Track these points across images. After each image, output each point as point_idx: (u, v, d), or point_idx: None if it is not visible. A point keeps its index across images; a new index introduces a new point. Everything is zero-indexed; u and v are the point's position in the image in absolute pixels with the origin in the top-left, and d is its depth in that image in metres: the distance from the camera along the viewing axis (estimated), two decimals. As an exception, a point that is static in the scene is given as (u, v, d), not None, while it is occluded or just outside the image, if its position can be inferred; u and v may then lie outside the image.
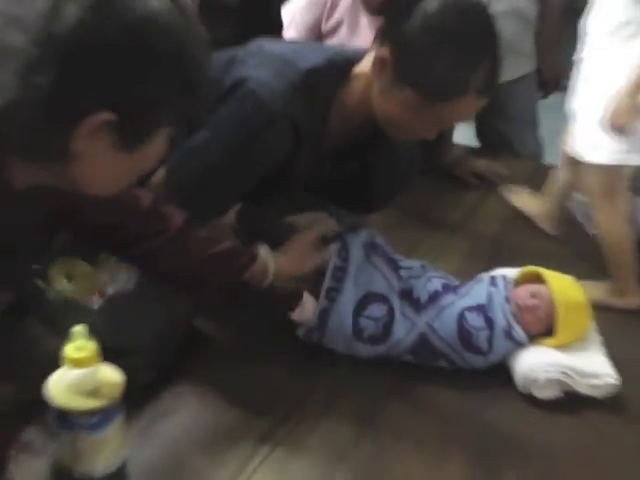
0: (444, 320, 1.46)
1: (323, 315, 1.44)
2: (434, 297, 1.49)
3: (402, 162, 1.65)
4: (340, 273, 1.48)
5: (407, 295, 1.49)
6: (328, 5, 2.04)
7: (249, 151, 1.39)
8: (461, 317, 1.46)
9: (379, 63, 1.37)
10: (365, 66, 1.44)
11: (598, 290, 1.71)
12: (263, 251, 1.42)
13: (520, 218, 2.07)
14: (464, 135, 2.60)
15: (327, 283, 1.47)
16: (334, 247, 1.52)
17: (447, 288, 1.52)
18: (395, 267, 1.53)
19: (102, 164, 0.92)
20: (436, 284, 1.52)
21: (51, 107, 0.83)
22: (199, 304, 1.48)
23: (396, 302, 1.47)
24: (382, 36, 1.40)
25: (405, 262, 1.57)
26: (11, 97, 0.82)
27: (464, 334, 1.45)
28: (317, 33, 2.06)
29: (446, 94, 1.35)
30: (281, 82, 1.38)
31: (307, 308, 1.44)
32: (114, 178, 0.98)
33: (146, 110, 0.89)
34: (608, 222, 1.71)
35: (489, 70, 1.36)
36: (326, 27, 2.05)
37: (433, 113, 1.38)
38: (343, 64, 1.46)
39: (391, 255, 1.57)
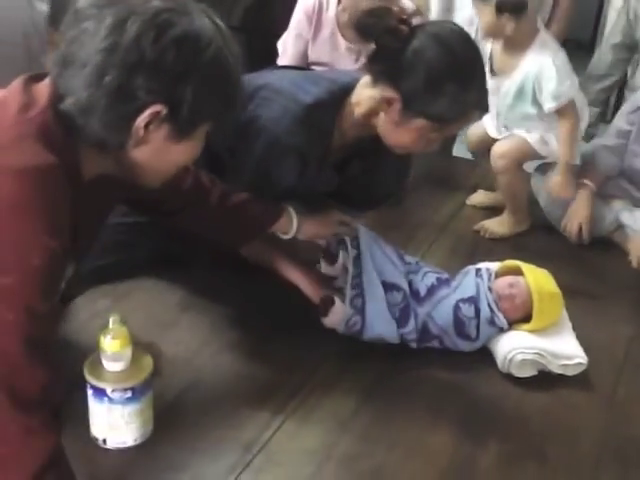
0: (441, 311, 1.62)
1: (360, 309, 1.58)
2: (431, 290, 1.65)
3: (397, 167, 1.83)
4: (358, 262, 1.62)
5: (409, 288, 1.65)
6: (310, 38, 2.29)
7: (268, 181, 1.61)
8: (456, 308, 1.62)
9: (386, 102, 1.55)
10: (359, 94, 1.61)
11: (502, 224, 2.18)
12: (290, 208, 1.61)
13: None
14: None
15: (350, 277, 1.61)
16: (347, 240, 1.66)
17: (441, 282, 1.68)
18: (400, 256, 1.69)
19: (155, 153, 1.10)
20: (431, 278, 1.68)
21: (116, 103, 1.02)
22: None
23: (407, 289, 1.63)
24: (378, 77, 1.56)
25: (406, 256, 1.73)
26: (84, 96, 1.01)
27: (458, 322, 1.61)
28: (305, 60, 2.31)
29: (453, 118, 1.56)
30: (287, 118, 1.56)
31: (337, 313, 1.57)
32: (163, 167, 1.16)
33: (191, 107, 1.06)
34: (512, 180, 2.17)
35: (482, 87, 1.57)
36: (311, 57, 2.32)
37: (441, 132, 1.59)
38: (340, 93, 1.64)
39: (394, 247, 1.73)
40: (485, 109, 1.62)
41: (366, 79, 1.60)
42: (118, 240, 1.65)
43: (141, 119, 1.04)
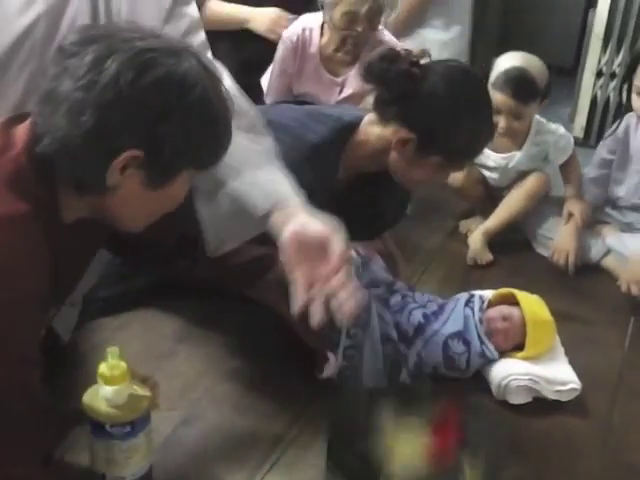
0: (430, 349, 1.62)
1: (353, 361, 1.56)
2: (419, 329, 1.64)
3: (398, 198, 1.86)
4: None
5: (397, 329, 1.63)
6: (295, 72, 2.31)
7: None
8: (445, 345, 1.62)
9: (401, 142, 1.59)
10: (366, 133, 1.65)
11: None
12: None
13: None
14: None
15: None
16: None
17: (427, 317, 1.66)
18: (386, 304, 1.67)
19: (132, 199, 1.06)
20: (418, 316, 1.65)
21: (91, 143, 0.98)
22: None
23: (396, 336, 1.61)
24: (390, 117, 1.60)
25: (391, 298, 1.70)
26: (59, 135, 0.98)
27: (448, 359, 1.62)
28: (290, 95, 2.33)
29: (471, 151, 1.63)
30: (294, 156, 1.54)
31: (330, 368, 1.55)
32: (141, 213, 1.12)
33: (170, 152, 1.02)
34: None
35: (490, 116, 1.64)
36: (296, 90, 2.34)
37: (455, 168, 1.67)
38: (345, 132, 1.67)
39: (382, 291, 1.69)
40: (492, 136, 1.68)
41: (372, 117, 1.64)
42: (119, 271, 1.66)
43: (117, 162, 1.00)
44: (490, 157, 2.30)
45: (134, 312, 1.73)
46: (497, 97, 2.07)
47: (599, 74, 3.37)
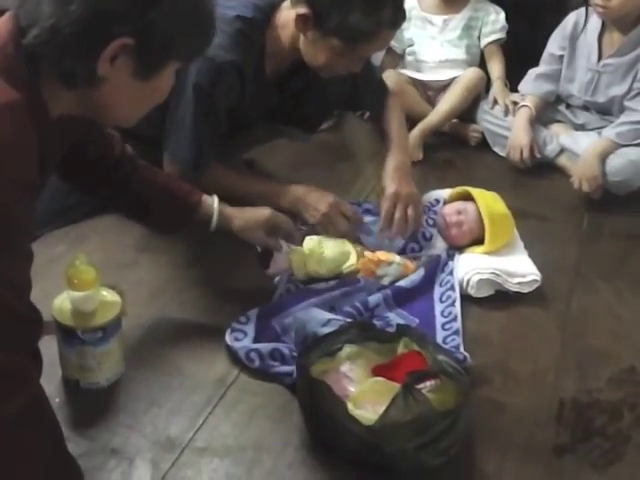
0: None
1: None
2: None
3: (339, 83, 1.78)
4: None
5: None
6: None
7: (211, 106, 1.59)
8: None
9: (301, 20, 1.54)
10: (284, 16, 1.60)
11: None
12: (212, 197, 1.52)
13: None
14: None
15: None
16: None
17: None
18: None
19: (122, 90, 1.04)
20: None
21: (81, 32, 0.96)
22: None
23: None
24: None
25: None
26: (47, 25, 0.95)
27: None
28: None
29: (364, 36, 1.53)
30: (219, 35, 1.51)
31: (279, 260, 1.55)
32: (131, 105, 1.10)
33: (160, 40, 1.01)
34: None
35: (394, 5, 1.53)
36: None
37: (357, 53, 1.57)
38: (266, 9, 1.62)
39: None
40: (398, 27, 1.59)
41: (288, 1, 1.59)
42: (61, 207, 1.64)
43: (107, 52, 0.98)
44: (432, 20, 2.45)
45: (89, 224, 1.70)
46: None
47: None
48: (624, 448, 1.27)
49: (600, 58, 2.15)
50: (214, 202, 1.49)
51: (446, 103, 2.37)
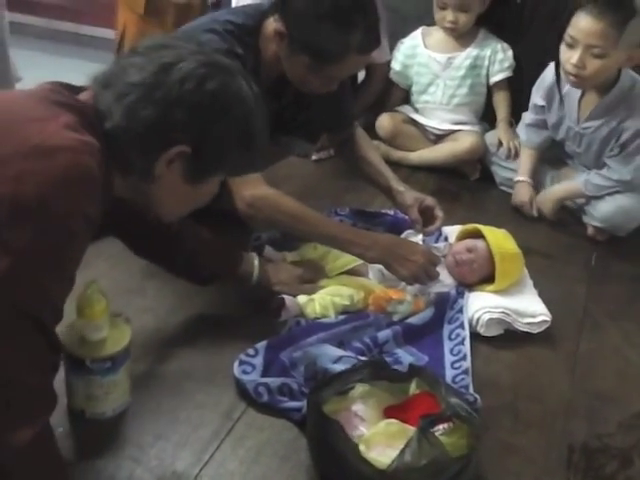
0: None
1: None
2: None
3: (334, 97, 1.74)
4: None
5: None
6: None
7: None
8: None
9: (278, 35, 1.55)
10: (269, 29, 1.59)
11: None
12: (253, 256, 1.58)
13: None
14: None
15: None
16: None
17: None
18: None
19: (171, 189, 1.15)
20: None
21: (149, 135, 1.07)
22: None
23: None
24: (275, 9, 1.56)
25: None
26: (118, 123, 1.07)
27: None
28: None
29: (332, 57, 1.53)
30: (207, 36, 1.53)
31: (290, 307, 1.54)
32: (176, 204, 1.21)
33: (213, 154, 1.13)
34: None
35: (366, 31, 1.52)
36: None
37: (325, 73, 1.57)
38: (257, 16, 1.62)
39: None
40: (367, 53, 1.56)
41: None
42: None
43: (167, 155, 1.09)
44: (435, 58, 2.42)
45: (97, 248, 1.66)
46: None
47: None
48: (635, 496, 1.26)
49: (579, 120, 2.08)
50: (255, 259, 1.57)
51: (431, 154, 2.41)
